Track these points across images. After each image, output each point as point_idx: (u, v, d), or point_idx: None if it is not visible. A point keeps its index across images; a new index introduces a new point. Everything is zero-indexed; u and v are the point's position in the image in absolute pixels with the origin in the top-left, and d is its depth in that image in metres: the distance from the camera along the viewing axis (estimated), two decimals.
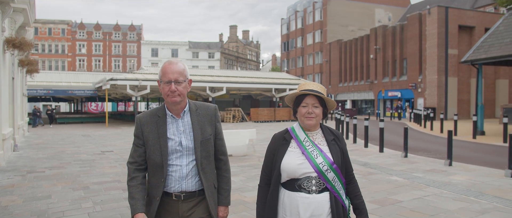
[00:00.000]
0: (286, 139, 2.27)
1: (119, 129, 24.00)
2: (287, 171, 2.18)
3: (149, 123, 2.31)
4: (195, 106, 2.38)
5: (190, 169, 2.27)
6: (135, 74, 28.56)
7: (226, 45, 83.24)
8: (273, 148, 2.30)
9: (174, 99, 2.23)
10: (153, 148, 2.26)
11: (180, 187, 2.26)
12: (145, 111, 2.41)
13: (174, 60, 2.30)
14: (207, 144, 2.33)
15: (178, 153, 2.27)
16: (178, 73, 2.22)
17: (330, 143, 2.25)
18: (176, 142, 2.27)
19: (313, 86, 2.26)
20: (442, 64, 33.62)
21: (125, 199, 6.13)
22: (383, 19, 56.36)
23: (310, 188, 2.15)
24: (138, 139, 2.32)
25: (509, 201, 5.60)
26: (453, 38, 33.85)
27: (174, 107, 2.29)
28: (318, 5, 55.79)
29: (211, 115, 2.40)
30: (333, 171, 2.18)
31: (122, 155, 11.39)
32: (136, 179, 2.28)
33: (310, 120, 2.21)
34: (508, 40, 15.72)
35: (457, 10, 35.03)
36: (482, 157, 10.77)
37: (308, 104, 2.22)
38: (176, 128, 2.31)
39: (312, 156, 2.17)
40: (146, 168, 2.32)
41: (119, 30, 68.61)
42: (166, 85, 2.22)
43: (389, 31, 40.45)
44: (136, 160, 2.31)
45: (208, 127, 2.36)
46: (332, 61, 50.40)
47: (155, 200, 2.26)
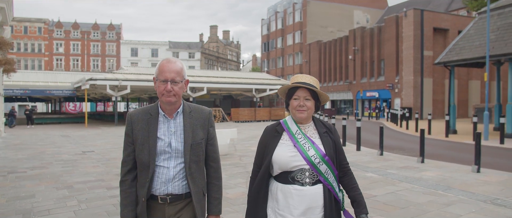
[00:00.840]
0: (278, 131, 2.26)
1: (99, 129, 23.81)
2: (278, 163, 2.17)
3: (140, 121, 2.23)
4: (189, 108, 2.30)
5: (177, 171, 2.20)
6: (115, 74, 28.36)
7: (207, 45, 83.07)
8: (264, 140, 2.29)
9: (169, 99, 2.17)
10: (142, 146, 2.19)
11: (166, 190, 2.19)
12: (137, 108, 2.32)
13: (173, 59, 2.22)
14: (197, 148, 2.24)
15: (167, 154, 2.20)
16: (175, 73, 2.16)
17: (323, 135, 2.24)
18: (166, 142, 2.20)
19: (306, 79, 2.25)
20: (418, 65, 34.59)
21: (110, 197, 6.27)
22: (361, 21, 57.40)
23: (303, 180, 2.14)
24: (128, 137, 2.26)
25: (473, 194, 6.03)
26: (428, 40, 34.88)
27: (168, 107, 2.22)
28: (298, 6, 56.42)
29: (205, 118, 2.32)
30: (325, 163, 2.16)
31: (104, 155, 11.42)
32: (125, 182, 2.24)
33: (301, 113, 2.20)
34: (478, 43, 16.45)
35: (432, 13, 36.09)
36: (453, 154, 11.30)
37: (299, 97, 2.21)
38: (167, 128, 2.23)
39: (304, 148, 2.16)
40: (135, 167, 2.25)
41: (97, 29, 67.61)
42: (161, 84, 2.15)
43: (367, 32, 41.31)
44: (126, 159, 2.26)
45: (200, 130, 2.28)
46: (312, 61, 51.06)
47: (141, 201, 2.20)
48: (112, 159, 10.57)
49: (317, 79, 2.27)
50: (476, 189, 6.42)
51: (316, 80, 2.26)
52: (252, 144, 14.24)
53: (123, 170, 2.25)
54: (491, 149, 12.27)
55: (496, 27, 16.19)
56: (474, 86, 37.22)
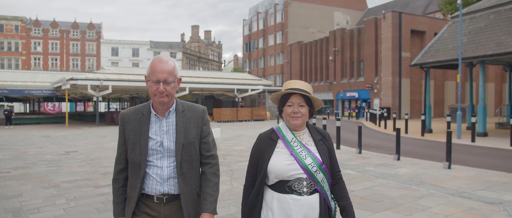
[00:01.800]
0: (272, 139, 2.21)
1: (80, 129, 23.64)
2: (275, 172, 2.12)
3: (132, 120, 2.22)
4: (182, 107, 2.26)
5: (171, 171, 2.17)
6: (96, 74, 28.15)
7: (188, 45, 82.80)
8: (259, 148, 2.23)
9: (162, 100, 2.14)
10: (133, 146, 2.18)
11: (162, 189, 2.16)
12: (130, 108, 2.31)
13: (164, 58, 2.18)
14: (190, 147, 2.21)
15: (159, 154, 2.18)
16: (167, 73, 2.12)
17: (318, 143, 2.20)
18: (157, 142, 2.18)
19: (299, 85, 2.20)
20: (396, 66, 35.47)
21: (98, 195, 6.40)
22: (341, 22, 58.32)
23: (301, 190, 2.09)
24: (120, 137, 2.26)
25: (443, 188, 6.47)
26: (406, 42, 35.80)
27: (160, 106, 2.19)
28: (279, 7, 56.93)
29: (198, 117, 2.28)
30: (322, 172, 2.13)
31: (88, 155, 11.47)
32: (118, 181, 2.25)
33: (296, 120, 2.16)
34: (451, 46, 17.14)
35: (409, 15, 37.06)
36: (427, 152, 11.83)
37: (293, 104, 2.16)
38: (159, 127, 2.21)
39: (301, 156, 2.12)
40: (127, 167, 2.25)
41: (77, 28, 66.55)
42: (154, 85, 2.12)
43: (347, 34, 42.07)
44: (119, 158, 2.26)
45: (194, 129, 2.24)
46: (293, 62, 51.62)
47: (132, 201, 2.18)
48: (96, 159, 10.64)
49: (310, 85, 2.23)
50: (446, 183, 6.87)
51: (309, 86, 2.23)
52: (235, 143, 14.51)
53: (116, 168, 2.26)
54: (463, 147, 12.88)
55: (468, 31, 16.92)
56: (449, 87, 38.39)
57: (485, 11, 16.92)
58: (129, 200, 2.20)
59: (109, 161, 10.10)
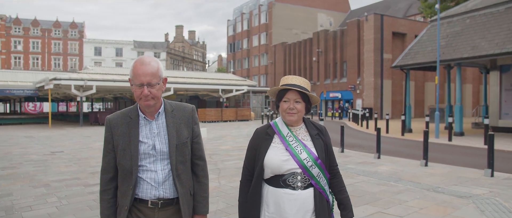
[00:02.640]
0: (268, 134, 2.22)
1: (64, 130, 23.48)
2: (271, 167, 2.14)
3: (120, 125, 2.13)
4: (171, 107, 2.20)
5: (166, 174, 2.12)
6: (80, 74, 27.96)
7: (172, 45, 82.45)
8: (255, 143, 2.24)
9: (148, 103, 2.06)
10: (123, 152, 2.09)
11: (157, 194, 2.10)
12: (116, 112, 2.23)
13: (146, 60, 2.08)
14: (183, 148, 2.16)
15: (152, 157, 2.11)
16: (150, 76, 2.03)
17: (314, 138, 2.21)
18: (149, 145, 2.10)
19: (296, 80, 2.19)
20: (378, 67, 36.21)
21: (89, 193, 6.53)
22: (325, 24, 59.04)
23: (295, 184, 2.11)
24: (108, 143, 2.15)
25: (419, 184, 6.88)
26: (387, 44, 36.59)
27: (147, 109, 2.12)
28: (263, 8, 57.30)
29: (188, 116, 2.22)
30: (317, 167, 2.14)
31: (75, 155, 11.53)
32: (107, 192, 2.15)
33: (291, 116, 2.16)
34: (430, 48, 17.76)
35: (391, 18, 37.88)
36: (406, 151, 12.30)
37: (289, 100, 2.17)
38: (150, 130, 2.13)
39: (296, 151, 2.13)
40: (116, 175, 2.16)
41: (59, 27, 65.54)
42: (138, 88, 2.04)
43: (330, 35, 42.70)
44: (106, 167, 2.15)
45: (185, 129, 2.19)
46: (277, 63, 52.05)
47: (123, 210, 2.09)
48: (83, 159, 10.73)
49: (308, 81, 2.23)
50: (422, 180, 7.28)
51: (306, 82, 2.23)
52: (221, 143, 14.75)
53: (105, 178, 2.15)
54: (440, 146, 13.42)
55: (446, 34, 17.55)
56: (429, 88, 39.36)
57: (462, 15, 17.59)
58: (120, 209, 2.11)
59: (96, 161, 10.21)
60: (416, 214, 5.07)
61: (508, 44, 14.32)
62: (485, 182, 7.01)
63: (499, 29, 15.26)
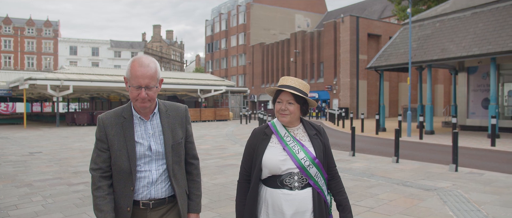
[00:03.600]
0: (266, 134, 2.22)
1: (40, 130, 23.13)
2: (268, 167, 2.13)
3: (113, 125, 2.09)
4: (165, 107, 2.19)
5: (160, 174, 2.10)
6: (57, 74, 27.56)
7: (150, 45, 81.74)
8: (253, 143, 2.25)
9: (144, 105, 2.05)
10: (119, 152, 2.05)
11: (149, 194, 2.09)
12: (108, 111, 2.18)
13: (145, 61, 2.03)
14: (178, 148, 2.16)
15: (147, 158, 2.09)
16: (149, 78, 2.01)
17: (313, 138, 2.21)
18: (145, 146, 2.09)
19: (291, 82, 2.19)
20: (354, 68, 37.07)
21: (73, 192, 6.61)
22: (302, 25, 59.84)
23: (292, 184, 2.10)
24: (102, 143, 2.09)
25: (390, 179, 7.35)
26: (363, 45, 37.51)
27: (143, 110, 2.10)
28: (242, 9, 57.60)
29: (182, 116, 2.23)
30: (315, 166, 2.13)
31: (54, 156, 11.50)
32: (101, 188, 2.07)
33: (283, 117, 2.18)
34: (402, 50, 18.48)
35: (366, 20, 38.84)
36: (380, 148, 12.85)
37: (282, 101, 2.18)
38: (145, 131, 2.12)
39: (293, 151, 2.13)
40: (111, 175, 2.12)
41: (33, 25, 63.93)
42: (134, 90, 2.01)
43: (307, 36, 43.38)
44: (101, 166, 2.09)
45: (179, 129, 2.19)
46: (255, 63, 52.44)
47: (126, 211, 2.06)
48: (64, 159, 10.73)
49: (305, 83, 2.23)
50: (393, 175, 7.77)
51: (303, 84, 2.21)
52: (201, 142, 14.97)
53: (97, 176, 2.09)
54: (412, 144, 14.07)
55: (417, 37, 18.31)
56: (403, 88, 40.56)
57: (432, 19, 18.38)
58: (121, 211, 2.07)
59: (77, 161, 10.28)
60: (385, 205, 5.49)
61: (474, 48, 15.12)
62: (449, 176, 7.55)
63: (466, 33, 16.08)
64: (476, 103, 19.00)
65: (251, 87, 52.62)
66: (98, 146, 2.10)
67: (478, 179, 7.31)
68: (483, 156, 10.67)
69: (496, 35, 14.77)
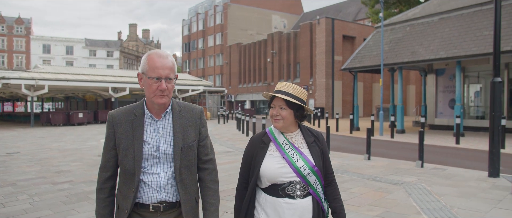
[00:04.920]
0: (264, 142, 2.20)
1: (14, 131, 22.73)
2: (267, 176, 2.10)
3: (123, 122, 2.00)
4: (178, 107, 2.09)
5: (169, 176, 2.00)
6: (31, 73, 27.09)
7: (126, 44, 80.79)
8: (251, 151, 2.22)
9: (163, 101, 1.95)
10: (126, 152, 1.97)
11: (159, 197, 1.98)
12: (119, 108, 2.09)
13: (163, 53, 1.97)
14: (188, 151, 2.04)
15: (155, 159, 1.99)
16: (169, 69, 1.94)
17: (311, 145, 2.18)
18: (153, 146, 1.99)
19: (284, 87, 2.16)
20: (329, 69, 37.91)
21: (59, 190, 6.75)
22: (279, 26, 60.52)
23: (295, 193, 2.08)
24: (110, 141, 2.02)
25: (362, 175, 7.89)
26: (338, 46, 38.40)
27: (157, 107, 2.00)
28: (219, 9, 57.76)
29: (196, 118, 2.11)
30: (314, 174, 2.11)
31: (34, 156, 11.46)
32: (104, 190, 2.03)
33: (276, 122, 2.16)
34: (375, 53, 19.25)
35: (341, 22, 39.77)
36: (353, 147, 13.46)
37: (275, 106, 2.16)
38: (155, 130, 2.01)
39: (292, 159, 2.10)
40: (115, 174, 2.06)
41: (3, 22, 62.10)
42: (154, 83, 1.92)
43: (284, 37, 44.00)
44: (106, 165, 2.03)
45: (192, 131, 2.07)
46: (232, 63, 52.72)
47: (124, 213, 1.97)
48: (44, 159, 10.74)
49: (301, 89, 2.20)
50: (365, 171, 8.32)
51: (297, 89, 2.18)
52: None
53: (102, 176, 2.04)
54: (383, 142, 14.78)
55: (389, 40, 19.12)
56: (377, 89, 41.73)
57: (403, 23, 19.24)
58: (120, 212, 2.00)
59: (58, 161, 10.35)
60: (356, 198, 5.99)
61: (441, 51, 15.98)
62: (415, 172, 8.17)
63: (434, 37, 16.94)
64: (444, 103, 19.98)
65: (228, 87, 52.88)
66: (106, 144, 2.04)
67: (440, 173, 7.95)
68: (448, 153, 11.42)
69: (461, 39, 15.67)
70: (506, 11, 14.79)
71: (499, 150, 7.43)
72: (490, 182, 7.05)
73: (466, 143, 13.89)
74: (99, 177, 2.05)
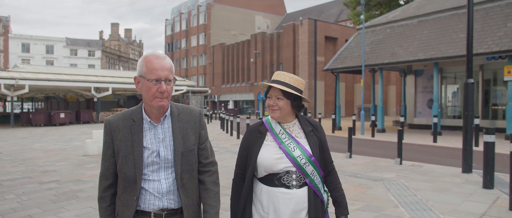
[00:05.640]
0: (261, 131, 2.18)
1: None
2: (264, 166, 2.09)
3: (121, 128, 1.94)
4: (177, 111, 2.03)
5: (171, 182, 1.94)
6: (11, 73, 26.64)
7: (108, 44, 79.79)
8: (247, 141, 2.21)
9: (162, 103, 1.90)
10: (125, 159, 1.91)
11: (161, 204, 1.93)
12: (116, 114, 2.02)
13: (161, 54, 1.93)
14: (189, 155, 1.99)
15: (155, 165, 1.93)
16: (168, 71, 1.89)
17: (308, 135, 2.16)
18: (154, 152, 1.93)
19: (280, 77, 2.15)
20: (312, 69, 38.40)
21: (46, 190, 6.79)
22: (262, 26, 60.85)
23: (290, 183, 2.06)
24: (107, 148, 1.96)
25: (344, 172, 8.17)
26: (320, 47, 38.93)
27: (156, 111, 1.94)
28: (202, 9, 57.73)
29: (196, 120, 2.06)
30: (311, 164, 2.08)
31: (17, 156, 11.38)
32: (105, 199, 1.99)
33: (273, 112, 2.14)
34: (357, 54, 19.70)
35: (324, 23, 40.33)
36: (336, 146, 13.80)
37: (272, 96, 2.13)
38: (154, 135, 1.96)
39: (289, 149, 2.08)
40: (115, 182, 1.99)
41: None
42: (153, 85, 1.86)
43: (267, 37, 44.33)
44: (105, 173, 1.98)
45: (192, 135, 2.02)
46: (215, 63, 52.78)
47: None
48: (29, 159, 10.67)
49: (298, 78, 2.17)
50: (346, 168, 8.63)
51: (295, 79, 2.16)
52: None
53: (103, 184, 1.99)
54: (364, 141, 15.19)
55: (370, 41, 19.60)
56: (359, 89, 42.46)
57: (383, 25, 19.75)
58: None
59: (43, 161, 10.31)
60: None
61: (420, 53, 16.51)
62: (394, 169, 8.52)
63: (413, 39, 17.48)
64: (423, 103, 20.59)
65: (211, 87, 52.91)
66: (104, 151, 1.98)
67: (418, 170, 8.33)
68: (425, 151, 11.88)
69: (438, 42, 16.22)
70: (480, 15, 15.40)
71: (472, 148, 7.84)
72: (464, 178, 7.44)
73: (443, 141, 14.41)
74: (100, 185, 2.00)
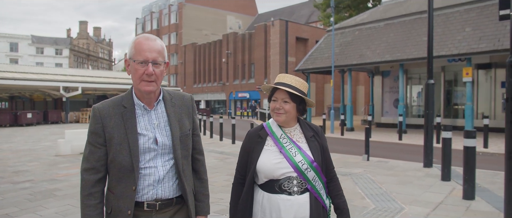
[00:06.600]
0: (261, 136, 2.12)
1: None
2: (264, 172, 2.03)
3: (112, 116, 1.83)
4: (169, 96, 1.97)
5: (167, 171, 1.86)
6: None
7: (76, 42, 77.71)
8: (247, 146, 2.15)
9: (149, 88, 1.81)
10: (119, 147, 1.80)
11: (155, 194, 1.84)
12: (104, 101, 1.92)
13: (152, 36, 1.86)
14: (186, 140, 1.94)
15: (152, 152, 1.85)
16: (157, 53, 1.81)
17: (310, 140, 2.10)
18: (150, 138, 1.85)
19: (287, 79, 2.08)
20: (283, 69, 38.89)
21: (21, 189, 6.76)
22: (233, 26, 61.02)
23: (291, 189, 2.00)
24: (97, 137, 1.83)
25: None
26: (291, 48, 39.54)
27: (146, 96, 1.86)
28: (174, 8, 57.31)
29: (188, 105, 2.02)
30: (313, 170, 2.03)
31: None
32: (93, 196, 1.81)
33: (278, 116, 2.07)
34: (327, 55, 20.31)
35: (294, 24, 40.97)
36: None
37: (277, 99, 2.07)
38: (148, 121, 1.88)
39: (290, 154, 2.03)
40: (105, 176, 1.88)
41: None
42: (140, 67, 1.79)
43: (239, 37, 44.58)
44: (94, 165, 1.82)
45: (186, 119, 1.97)
46: (187, 63, 52.57)
47: (126, 215, 1.80)
48: None
49: (303, 81, 2.11)
50: None
51: (300, 82, 2.09)
52: None
53: (91, 179, 1.82)
54: (334, 139, 15.75)
55: (339, 43, 20.25)
56: (328, 89, 43.33)
57: (352, 28, 20.45)
58: (120, 214, 1.81)
59: (13, 161, 10.16)
60: None
61: (386, 54, 17.25)
62: (362, 164, 9.02)
63: (380, 41, 18.23)
64: (389, 103, 21.43)
65: (183, 87, 52.65)
66: (92, 140, 1.84)
67: (383, 165, 8.85)
68: (391, 148, 12.53)
69: (403, 44, 17.00)
70: (441, 20, 16.26)
71: (432, 144, 8.43)
72: (425, 172, 8.00)
73: (407, 139, 15.15)
74: (86, 180, 1.82)
